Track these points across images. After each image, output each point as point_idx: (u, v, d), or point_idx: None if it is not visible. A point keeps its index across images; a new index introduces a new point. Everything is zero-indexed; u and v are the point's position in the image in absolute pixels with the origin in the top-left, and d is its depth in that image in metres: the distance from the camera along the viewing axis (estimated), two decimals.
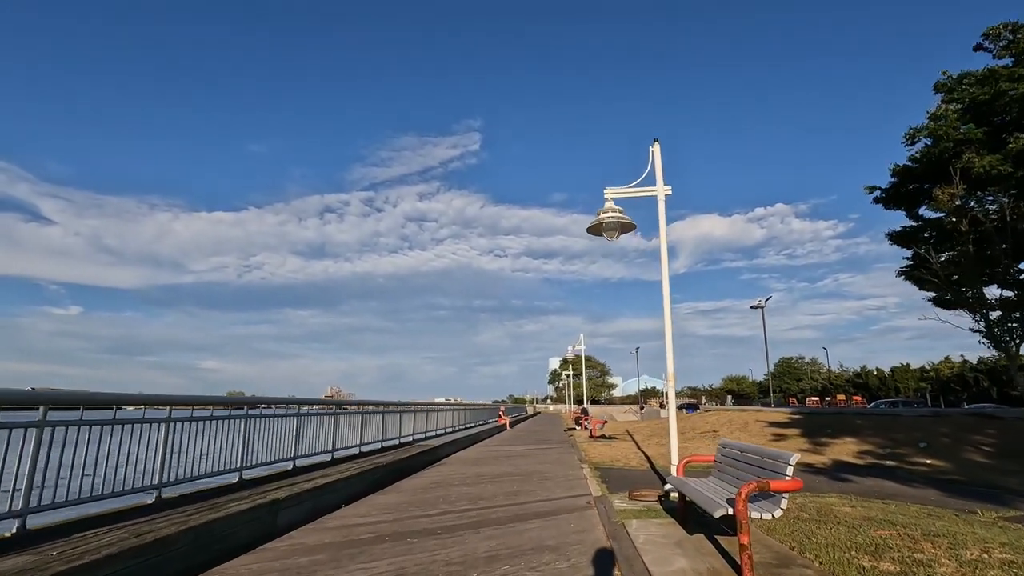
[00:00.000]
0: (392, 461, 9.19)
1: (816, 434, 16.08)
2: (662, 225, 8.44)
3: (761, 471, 4.42)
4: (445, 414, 17.33)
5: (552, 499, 7.53)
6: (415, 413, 13.97)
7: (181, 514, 4.46)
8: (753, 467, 4.63)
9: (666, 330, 8.12)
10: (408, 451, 10.97)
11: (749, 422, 19.84)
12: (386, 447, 11.51)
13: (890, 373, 73.08)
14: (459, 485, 8.68)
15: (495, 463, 11.90)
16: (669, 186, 8.58)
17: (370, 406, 10.91)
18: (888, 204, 17.36)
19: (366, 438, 10.57)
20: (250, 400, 6.66)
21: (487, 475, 9.91)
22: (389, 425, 12.06)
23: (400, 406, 13.06)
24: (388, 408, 12.16)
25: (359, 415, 10.11)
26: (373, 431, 10.92)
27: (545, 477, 9.73)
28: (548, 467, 11.27)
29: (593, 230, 8.62)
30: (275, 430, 7.14)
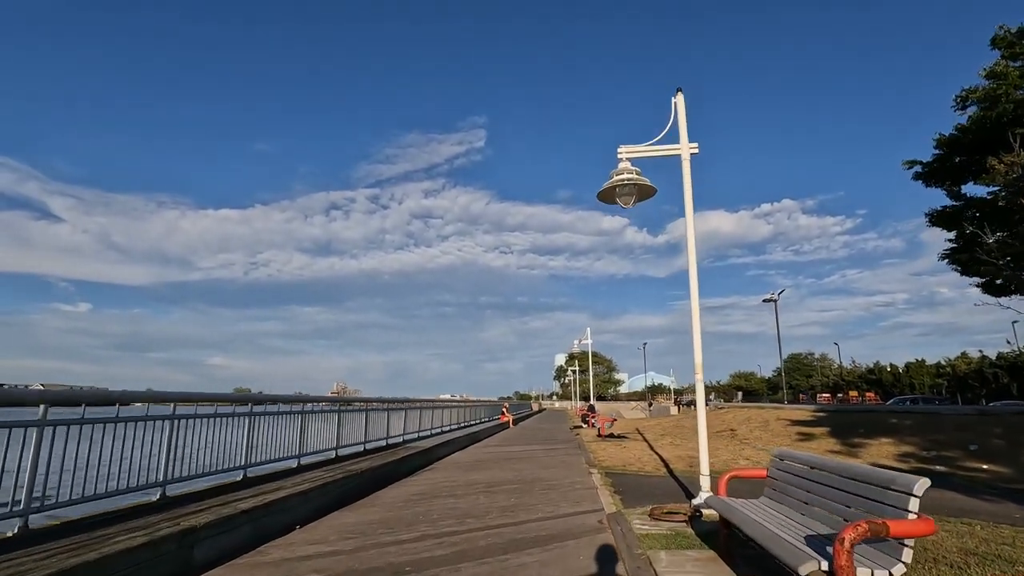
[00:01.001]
0: (371, 467, 7.91)
1: (847, 434, 14.69)
2: (688, 191, 7.10)
3: (857, 500, 3.09)
4: (442, 412, 16.05)
5: (556, 516, 6.22)
6: (406, 411, 12.69)
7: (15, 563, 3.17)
8: (841, 492, 3.29)
9: (693, 315, 6.79)
10: (395, 454, 9.69)
11: (770, 420, 18.45)
12: (370, 450, 10.24)
13: (904, 369, 71.24)
14: (447, 497, 7.38)
15: (493, 467, 10.60)
16: (695, 143, 7.23)
17: (356, 403, 9.64)
18: (929, 180, 15.81)
19: (346, 440, 9.31)
20: (185, 397, 5.38)
21: (482, 483, 8.61)
22: (375, 425, 10.78)
23: (388, 403, 11.78)
24: (372, 406, 10.89)
25: (335, 414, 8.82)
26: (354, 432, 9.65)
27: (549, 486, 8.41)
28: (552, 472, 9.97)
29: (605, 196, 7.28)
30: (217, 435, 5.86)
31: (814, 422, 16.89)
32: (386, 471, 8.44)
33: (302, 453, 7.55)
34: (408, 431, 12.87)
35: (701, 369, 6.74)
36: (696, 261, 6.99)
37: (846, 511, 3.21)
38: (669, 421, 24.70)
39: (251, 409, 6.38)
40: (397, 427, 12.12)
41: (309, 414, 7.93)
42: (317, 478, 6.52)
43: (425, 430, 14.23)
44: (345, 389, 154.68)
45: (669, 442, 16.27)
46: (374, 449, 10.43)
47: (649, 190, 7.14)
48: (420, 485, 8.35)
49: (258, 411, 6.52)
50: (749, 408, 23.11)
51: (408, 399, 13.57)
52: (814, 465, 3.80)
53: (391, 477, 8.56)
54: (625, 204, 7.22)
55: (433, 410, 15.14)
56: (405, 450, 10.55)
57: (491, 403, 28.86)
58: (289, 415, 7.34)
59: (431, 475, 9.45)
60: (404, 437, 12.42)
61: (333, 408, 8.77)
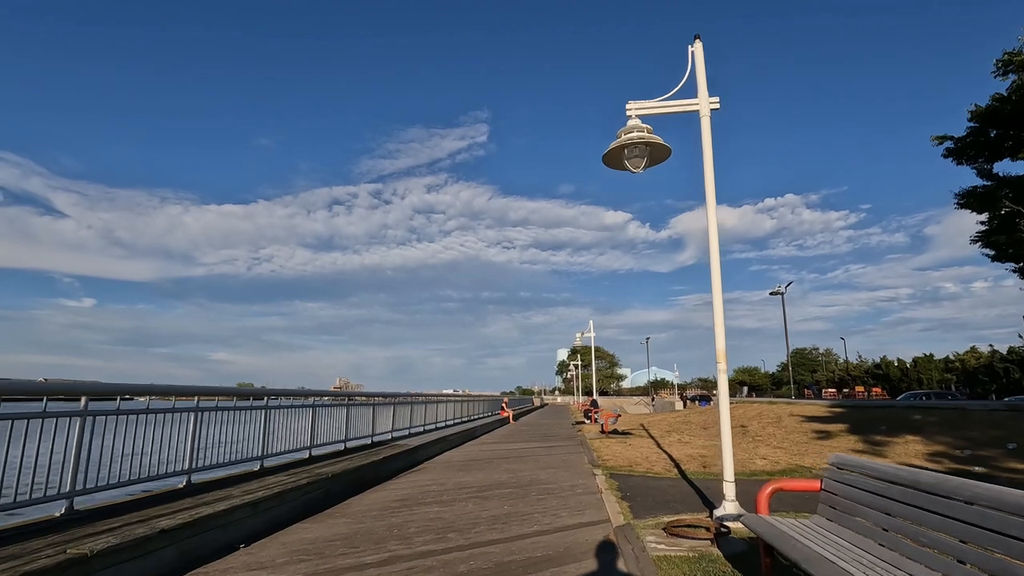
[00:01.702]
0: (346, 469, 6.99)
1: (868, 431, 13.72)
2: (707, 153, 6.14)
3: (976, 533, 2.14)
4: (436, 407, 15.12)
5: (555, 529, 5.29)
6: (394, 406, 11.77)
7: None
8: (945, 520, 2.34)
9: (715, 297, 5.85)
10: (377, 453, 8.77)
11: (782, 416, 17.48)
12: (352, 449, 9.33)
13: (912, 364, 70.11)
14: (431, 504, 6.46)
15: (487, 467, 9.68)
16: (716, 98, 6.26)
17: (335, 398, 8.70)
18: (961, 157, 14.73)
19: (324, 438, 8.40)
20: (101, 390, 4.46)
21: (473, 486, 7.69)
22: (358, 422, 9.87)
23: (374, 398, 10.86)
24: (356, 401, 9.97)
25: (308, 408, 7.90)
26: (333, 430, 8.74)
27: (547, 490, 7.49)
28: (552, 473, 9.04)
29: (611, 159, 6.32)
30: (157, 433, 4.94)
31: (831, 418, 15.92)
32: (365, 473, 7.53)
33: (266, 454, 6.63)
34: (398, 428, 11.97)
35: (724, 358, 5.79)
36: (717, 237, 6.03)
37: (961, 549, 2.26)
38: (675, 417, 23.75)
39: (197, 404, 5.45)
40: (384, 424, 11.22)
41: (276, 410, 7.00)
42: (275, 484, 5.59)
43: (417, 427, 13.33)
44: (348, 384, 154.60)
45: (677, 439, 15.33)
46: (357, 448, 9.53)
47: (663, 151, 6.18)
48: (403, 489, 7.43)
49: (207, 406, 5.59)
50: (759, 403, 22.13)
51: (397, 394, 12.67)
52: (896, 480, 2.84)
53: (370, 480, 7.65)
54: (635, 168, 6.25)
55: (426, 405, 14.22)
56: (391, 449, 9.63)
57: (491, 398, 27.97)
58: (249, 411, 6.41)
59: (417, 477, 8.53)
60: (393, 434, 11.52)
61: (306, 404, 7.84)
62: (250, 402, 6.62)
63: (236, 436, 6.11)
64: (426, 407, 14.15)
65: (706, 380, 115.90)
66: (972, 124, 14.16)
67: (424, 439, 11.67)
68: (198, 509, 4.33)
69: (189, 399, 5.43)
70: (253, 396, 6.66)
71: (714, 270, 5.89)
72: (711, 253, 5.93)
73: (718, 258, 5.95)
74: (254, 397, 6.67)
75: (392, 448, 9.76)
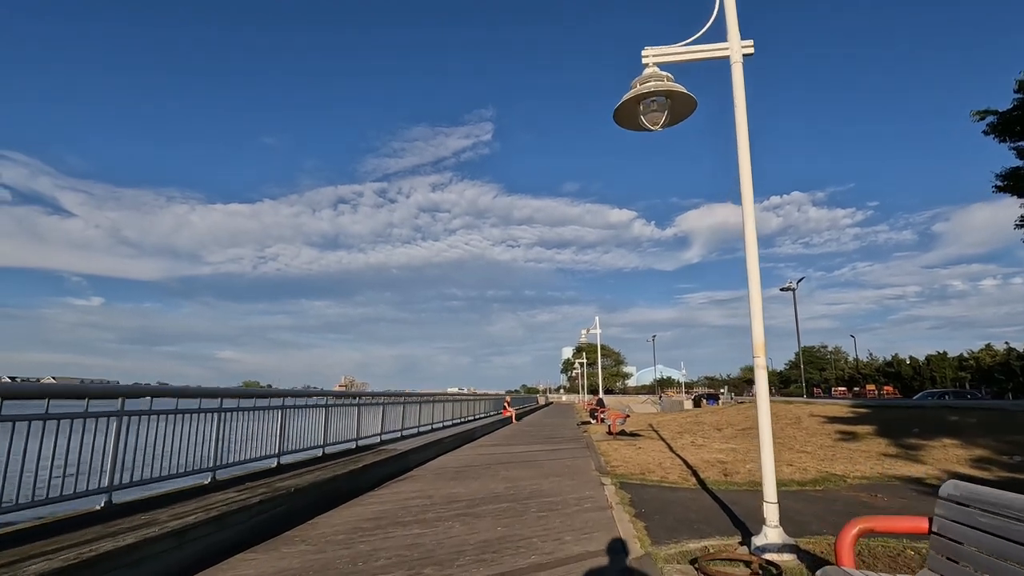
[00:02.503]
0: (315, 482, 6.02)
1: (898, 434, 12.66)
2: (739, 104, 5.13)
3: None
4: (431, 407, 14.15)
5: (558, 561, 4.30)
6: (384, 407, 10.81)
7: None
8: None
9: (751, 278, 4.86)
10: (358, 460, 7.81)
11: (801, 417, 16.42)
12: (332, 455, 8.37)
13: (925, 362, 68.68)
14: (411, 524, 5.48)
15: (483, 475, 8.71)
16: (750, 40, 5.24)
17: (301, 399, 7.74)
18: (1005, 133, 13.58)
19: (296, 443, 7.45)
20: None
21: (463, 499, 6.71)
22: (340, 424, 8.92)
23: (360, 398, 9.90)
24: (339, 401, 9.02)
25: (277, 411, 6.94)
26: (307, 434, 7.78)
27: (550, 504, 6.50)
28: (556, 483, 8.06)
29: (624, 114, 5.30)
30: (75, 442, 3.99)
31: (854, 419, 14.85)
32: (340, 485, 6.56)
33: (219, 465, 5.66)
34: (388, 430, 11.00)
35: (763, 350, 4.81)
36: (753, 209, 5.03)
37: None
38: (685, 417, 22.69)
39: (122, 406, 4.49)
40: (372, 426, 10.26)
41: (236, 413, 6.04)
42: (220, 503, 4.63)
43: (410, 428, 12.36)
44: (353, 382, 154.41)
45: (690, 442, 14.31)
46: (338, 454, 8.57)
47: (687, 103, 5.17)
48: (382, 503, 6.45)
49: (135, 408, 4.62)
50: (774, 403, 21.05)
51: (387, 393, 11.71)
52: None
53: (346, 492, 6.68)
54: (653, 125, 5.24)
55: (420, 405, 13.25)
56: (377, 454, 8.67)
57: (493, 397, 27.00)
58: (198, 415, 5.44)
59: (402, 487, 7.56)
60: (382, 437, 10.55)
61: (274, 405, 6.88)
62: (199, 403, 5.63)
63: (181, 445, 5.15)
64: (420, 407, 13.18)
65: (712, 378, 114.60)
66: (1020, 95, 12.98)
67: (416, 442, 10.71)
68: (97, 544, 3.36)
69: (112, 400, 4.47)
70: (203, 396, 5.68)
71: (750, 249, 4.89)
72: (746, 229, 4.94)
73: (754, 236, 4.96)
74: (205, 397, 5.70)
75: (378, 453, 8.80)
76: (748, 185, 4.96)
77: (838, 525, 5.48)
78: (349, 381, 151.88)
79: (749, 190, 4.92)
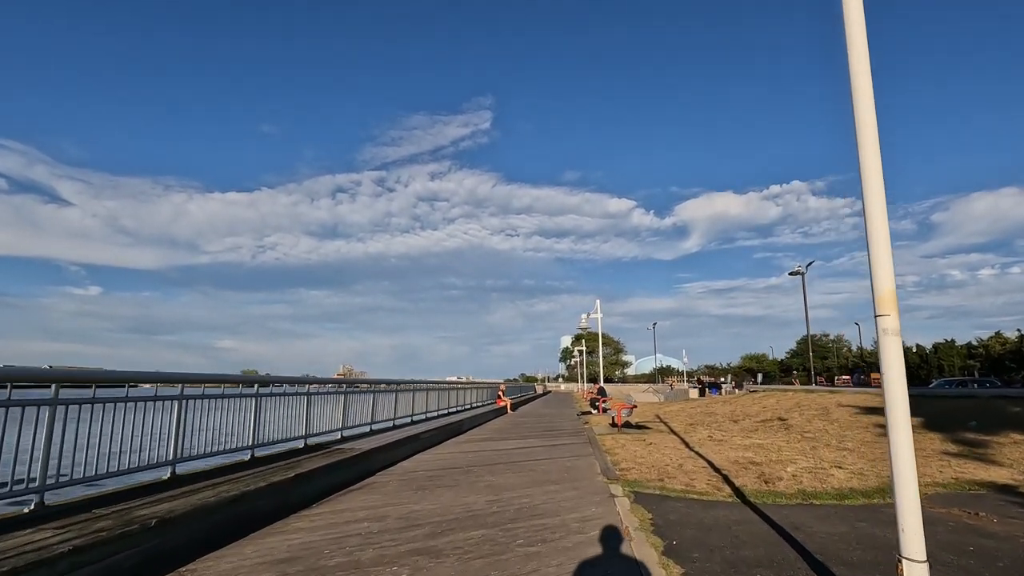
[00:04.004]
0: (204, 505, 4.20)
1: (953, 428, 10.92)
2: None
3: None
4: (409, 397, 12.33)
5: None
6: (345, 395, 8.98)
7: None
8: None
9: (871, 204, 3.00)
10: (293, 467, 5.99)
11: (828, 407, 14.66)
12: (264, 458, 6.57)
13: (932, 350, 67.04)
14: (334, 573, 3.67)
15: (461, 483, 6.91)
16: None
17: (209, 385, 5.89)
18: None
19: (206, 445, 5.64)
20: None
21: (425, 523, 4.90)
22: (282, 418, 7.11)
23: (308, 385, 8.05)
24: (277, 390, 7.20)
25: (172, 401, 5.09)
26: (227, 431, 5.96)
27: (542, 532, 4.69)
28: (552, 494, 6.26)
29: None
30: None
31: None
32: (253, 505, 4.75)
33: (47, 485, 3.82)
34: (352, 424, 9.21)
35: (895, 305, 2.97)
36: (872, 98, 3.15)
37: None
38: (694, 407, 20.94)
39: None
40: (330, 420, 8.46)
41: (85, 407, 4.19)
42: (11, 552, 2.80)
43: (383, 421, 10.57)
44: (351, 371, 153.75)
45: (707, 436, 12.54)
46: (279, 456, 6.77)
47: None
48: (310, 531, 4.64)
49: None
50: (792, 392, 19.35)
51: (353, 380, 9.89)
52: None
53: (264, 515, 4.87)
54: None
55: (396, 394, 11.44)
56: (326, 456, 6.87)
57: (486, 385, 25.24)
58: (20, 408, 3.61)
59: (349, 503, 5.74)
60: (343, 434, 8.76)
61: (165, 394, 5.03)
62: (38, 395, 3.81)
63: None
64: (396, 397, 11.36)
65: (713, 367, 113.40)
66: None
67: (387, 438, 8.90)
68: None
69: None
70: (37, 381, 3.85)
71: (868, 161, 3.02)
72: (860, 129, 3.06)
73: (877, 159, 3.09)
74: (38, 383, 3.87)
75: (329, 455, 6.99)
76: (865, 76, 3.07)
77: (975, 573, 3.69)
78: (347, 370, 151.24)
79: (867, 83, 3.04)
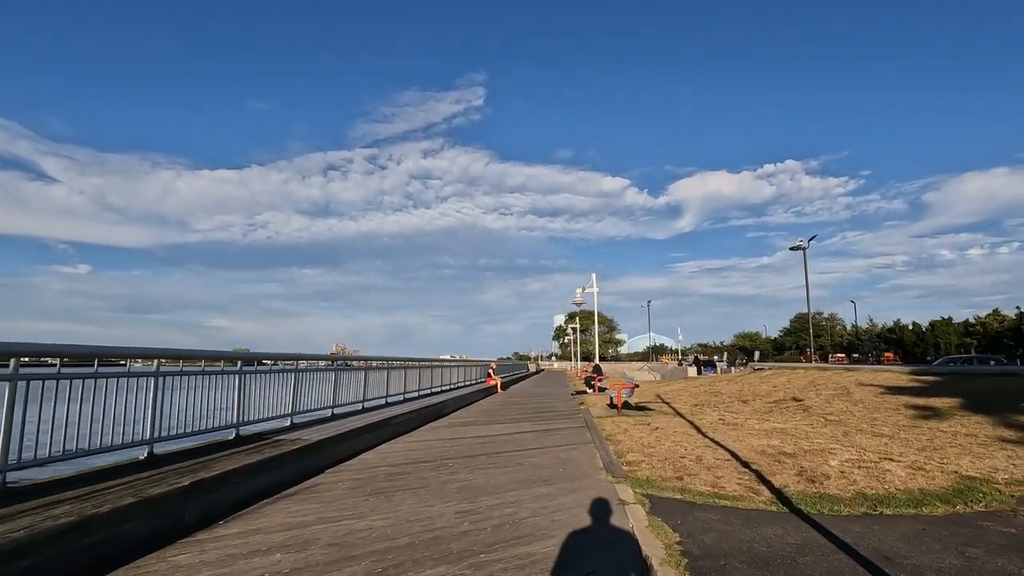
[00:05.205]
0: (29, 538, 2.69)
1: (1001, 410, 9.60)
2: None
3: None
4: (385, 375, 10.84)
5: None
6: (295, 374, 7.47)
7: None
8: None
9: None
10: (198, 471, 4.51)
11: (848, 386, 13.35)
12: (168, 456, 5.09)
13: (929, 328, 66.43)
14: None
15: (429, 483, 5.47)
16: None
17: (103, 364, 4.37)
18: None
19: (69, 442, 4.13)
20: None
21: (366, 549, 3.44)
22: (201, 403, 5.61)
23: (244, 361, 6.50)
24: (190, 368, 5.68)
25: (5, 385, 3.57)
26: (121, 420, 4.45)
27: (529, 568, 3.24)
28: (543, 501, 4.83)
29: None
30: None
31: (923, 390, 11.80)
32: (111, 534, 3.26)
33: None
34: (305, 408, 7.73)
35: None
36: None
37: None
38: (696, 386, 19.67)
39: None
40: (276, 403, 6.97)
41: None
42: None
43: (348, 404, 9.10)
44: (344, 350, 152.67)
45: (718, 419, 11.19)
46: (182, 453, 5.29)
47: None
48: (185, 574, 3.17)
49: None
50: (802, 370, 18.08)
51: (313, 357, 8.38)
52: None
53: (131, 546, 3.39)
54: None
55: (367, 372, 9.95)
56: (258, 451, 5.39)
57: (476, 363, 23.87)
58: None
59: (269, 518, 4.27)
60: (294, 419, 7.29)
61: None
62: None
63: None
64: (366, 376, 9.87)
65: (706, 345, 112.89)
66: None
67: (345, 425, 7.44)
68: None
69: None
70: None
71: None
72: None
73: None
74: None
75: (260, 450, 5.51)
76: None
77: None
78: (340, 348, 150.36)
79: None
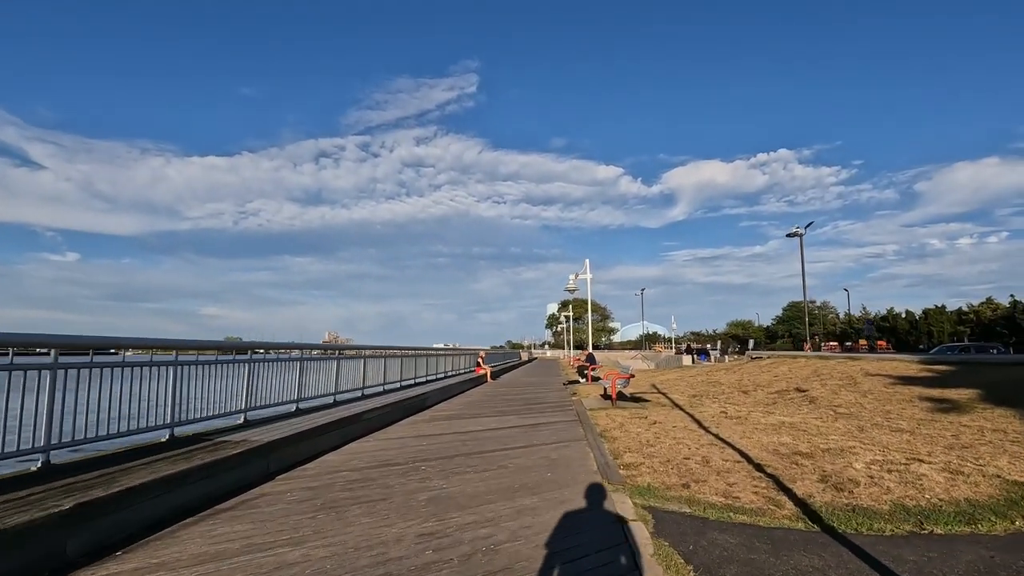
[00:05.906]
0: None
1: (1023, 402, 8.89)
2: None
3: None
4: (358, 366, 9.98)
5: None
6: (251, 364, 6.59)
7: None
8: None
9: None
10: (113, 481, 3.65)
11: (854, 376, 12.65)
12: (87, 460, 4.23)
13: (922, 316, 66.31)
14: None
15: (393, 493, 4.64)
16: None
17: None
18: None
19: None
20: None
21: None
22: (122, 398, 4.74)
23: (179, 349, 5.61)
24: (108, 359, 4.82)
25: None
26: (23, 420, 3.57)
27: None
28: (526, 516, 4.01)
29: None
30: None
31: (937, 381, 11.11)
32: None
33: None
34: (263, 404, 6.87)
35: None
36: None
37: None
38: (693, 375, 18.98)
39: None
40: (223, 399, 6.10)
41: None
42: None
43: (318, 397, 8.25)
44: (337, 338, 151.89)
45: (720, 411, 10.44)
46: (89, 462, 4.43)
47: None
48: None
49: None
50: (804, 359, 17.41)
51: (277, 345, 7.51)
52: None
53: None
54: None
55: (338, 362, 9.07)
56: (188, 457, 4.54)
57: (466, 351, 23.07)
58: None
59: (183, 545, 3.42)
60: (247, 416, 6.44)
61: None
62: None
63: None
64: (338, 366, 9.00)
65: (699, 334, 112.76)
66: None
67: (307, 423, 6.59)
68: None
69: None
70: None
71: None
72: None
73: None
74: None
75: (190, 456, 4.65)
76: None
77: None
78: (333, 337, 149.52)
79: None
